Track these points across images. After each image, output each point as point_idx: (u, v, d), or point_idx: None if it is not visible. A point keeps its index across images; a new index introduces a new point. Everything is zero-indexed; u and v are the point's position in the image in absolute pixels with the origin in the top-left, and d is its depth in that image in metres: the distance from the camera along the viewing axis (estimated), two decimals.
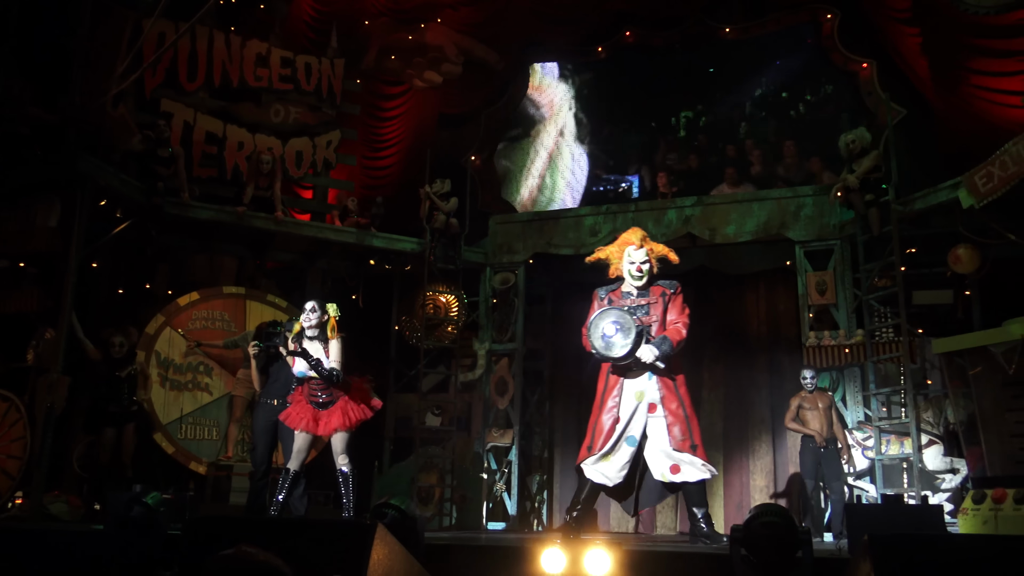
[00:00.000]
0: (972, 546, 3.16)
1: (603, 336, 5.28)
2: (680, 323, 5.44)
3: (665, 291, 5.59)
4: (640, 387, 5.38)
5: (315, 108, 9.75)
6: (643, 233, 5.79)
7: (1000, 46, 7.54)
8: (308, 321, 5.56)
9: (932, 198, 7.80)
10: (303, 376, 5.61)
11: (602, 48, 10.42)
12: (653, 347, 5.25)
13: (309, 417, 5.58)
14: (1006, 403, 7.19)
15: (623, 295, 5.59)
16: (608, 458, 5.35)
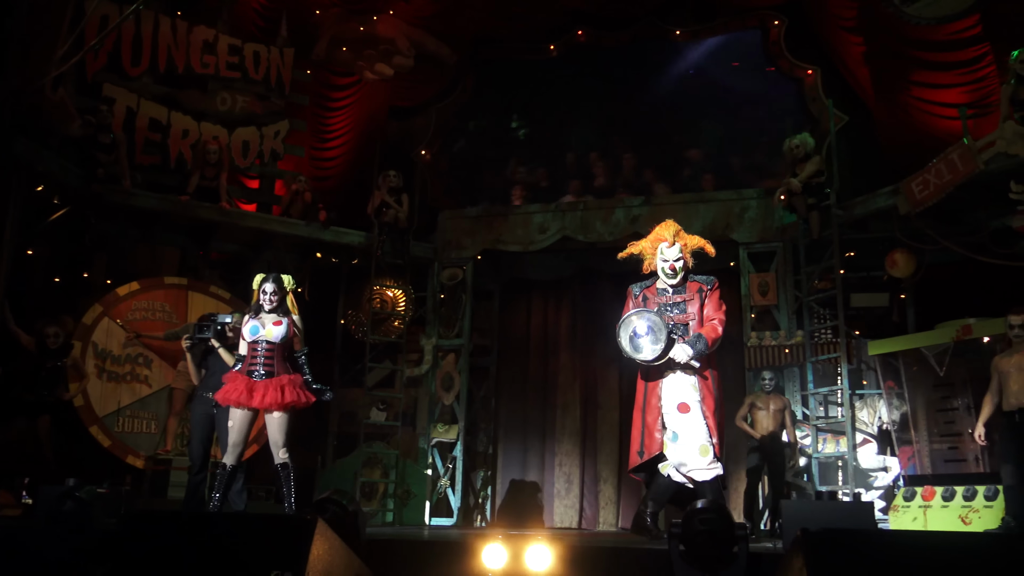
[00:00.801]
0: (900, 541, 3.27)
1: (631, 338, 5.09)
2: (716, 320, 5.21)
3: (702, 287, 5.35)
4: (679, 386, 5.18)
5: (263, 97, 9.61)
6: (677, 227, 5.49)
7: (938, 59, 7.79)
8: (267, 295, 5.41)
9: (871, 203, 8.02)
10: (253, 336, 5.38)
11: (554, 46, 10.45)
12: (688, 346, 5.05)
13: (243, 389, 5.30)
14: (936, 404, 7.44)
15: (658, 292, 5.38)
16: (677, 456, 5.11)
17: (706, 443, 5.02)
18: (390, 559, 4.01)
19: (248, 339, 5.42)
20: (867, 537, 3.03)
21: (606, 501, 9.44)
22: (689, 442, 5.07)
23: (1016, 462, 5.81)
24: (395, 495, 8.98)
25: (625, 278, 9.73)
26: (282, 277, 5.59)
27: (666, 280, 5.35)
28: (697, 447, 5.03)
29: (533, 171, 10.27)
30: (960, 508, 6.67)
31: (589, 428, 9.68)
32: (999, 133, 6.78)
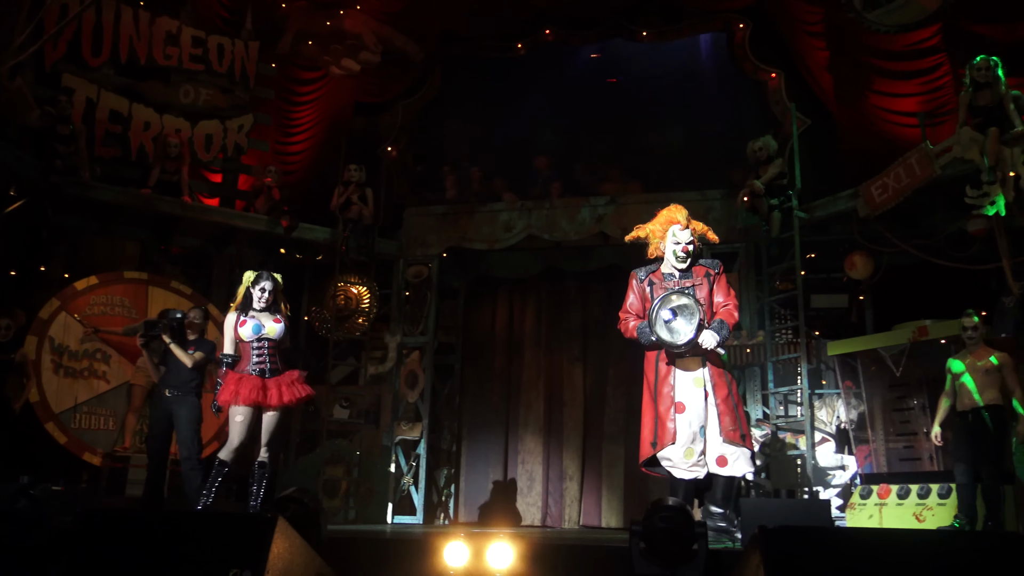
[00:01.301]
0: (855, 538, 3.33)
1: (667, 322, 4.86)
2: (731, 305, 5.06)
3: (709, 271, 5.17)
4: (696, 373, 4.99)
5: (227, 91, 9.48)
6: (687, 211, 5.38)
7: (897, 68, 7.97)
8: (262, 293, 5.38)
9: (832, 206, 8.15)
10: (256, 335, 5.36)
11: (522, 45, 10.46)
12: (714, 332, 4.88)
13: (259, 387, 5.28)
14: (892, 404, 7.59)
15: (665, 277, 5.18)
16: (692, 453, 4.89)
17: (735, 430, 4.87)
18: (351, 557, 4.00)
19: (248, 337, 5.37)
20: (823, 534, 3.09)
21: (571, 499, 9.49)
22: (712, 431, 4.91)
23: (968, 461, 5.95)
24: (358, 493, 8.93)
25: (591, 277, 9.91)
26: (275, 276, 5.54)
27: (675, 264, 5.17)
28: (724, 436, 4.88)
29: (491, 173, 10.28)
30: (914, 506, 6.81)
31: (554, 426, 9.72)
32: (955, 139, 6.94)
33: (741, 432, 4.85)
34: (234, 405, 5.27)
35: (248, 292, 5.46)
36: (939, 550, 3.00)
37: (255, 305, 5.42)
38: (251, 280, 5.49)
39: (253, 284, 5.46)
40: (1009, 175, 6.54)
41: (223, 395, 5.29)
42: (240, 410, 5.28)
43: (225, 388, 5.31)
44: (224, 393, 5.30)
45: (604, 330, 9.87)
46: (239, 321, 5.41)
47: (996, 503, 5.86)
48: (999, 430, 5.93)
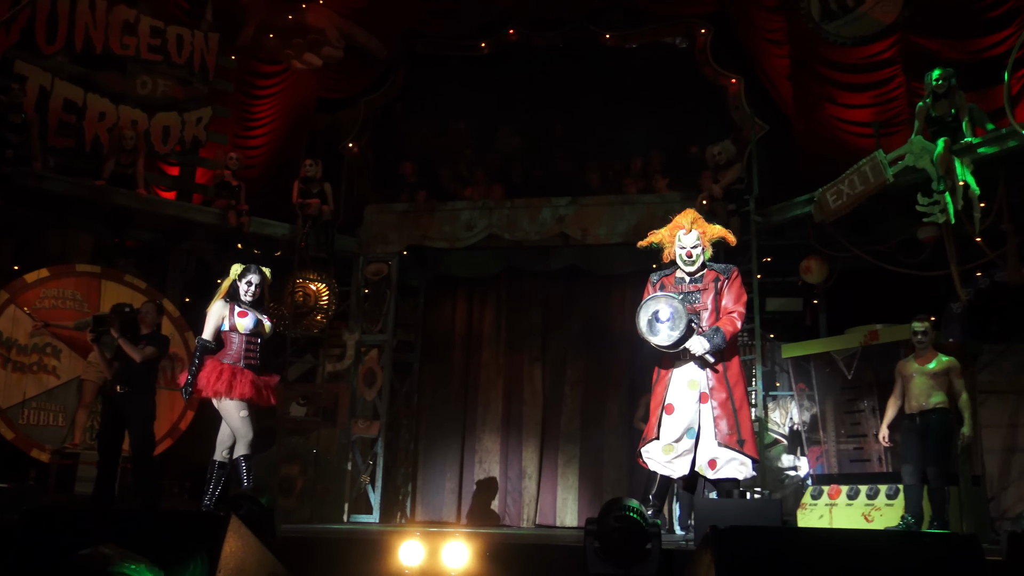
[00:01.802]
0: (803, 538, 3.40)
1: (650, 321, 4.89)
2: (735, 313, 5.00)
3: (719, 276, 5.11)
4: (691, 376, 5.01)
5: (185, 82, 9.34)
6: (695, 215, 5.31)
7: (854, 79, 8.17)
8: (248, 287, 5.34)
9: (788, 211, 8.29)
10: (254, 328, 5.33)
11: (486, 44, 10.47)
12: (704, 339, 4.86)
13: (256, 384, 5.25)
14: (844, 406, 7.74)
15: (676, 281, 5.20)
16: (672, 448, 4.96)
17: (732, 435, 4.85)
18: (306, 556, 3.97)
19: (245, 330, 5.30)
20: (772, 534, 3.15)
21: (529, 498, 9.52)
22: (707, 433, 4.94)
23: (915, 462, 6.09)
24: (314, 491, 8.86)
25: (551, 277, 9.95)
26: (263, 269, 5.47)
27: (684, 268, 5.17)
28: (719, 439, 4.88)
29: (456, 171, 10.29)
30: (863, 506, 6.96)
31: (512, 425, 9.74)
32: (908, 148, 7.09)
33: (739, 438, 4.85)
34: (227, 398, 5.19)
35: (234, 284, 5.40)
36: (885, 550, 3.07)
37: (242, 298, 5.36)
38: (238, 273, 5.44)
39: (240, 277, 5.41)
40: (958, 184, 6.71)
41: (213, 383, 5.18)
42: (240, 404, 5.22)
43: (214, 376, 5.19)
44: (215, 382, 5.19)
45: (563, 330, 9.94)
46: (238, 311, 5.34)
47: (941, 504, 6.01)
48: (945, 433, 6.07)
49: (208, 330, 5.36)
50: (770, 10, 8.97)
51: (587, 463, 9.46)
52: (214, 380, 5.21)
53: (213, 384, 5.20)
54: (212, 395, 5.22)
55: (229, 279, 5.45)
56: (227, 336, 5.36)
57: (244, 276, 5.41)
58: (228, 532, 3.07)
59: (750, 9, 9.21)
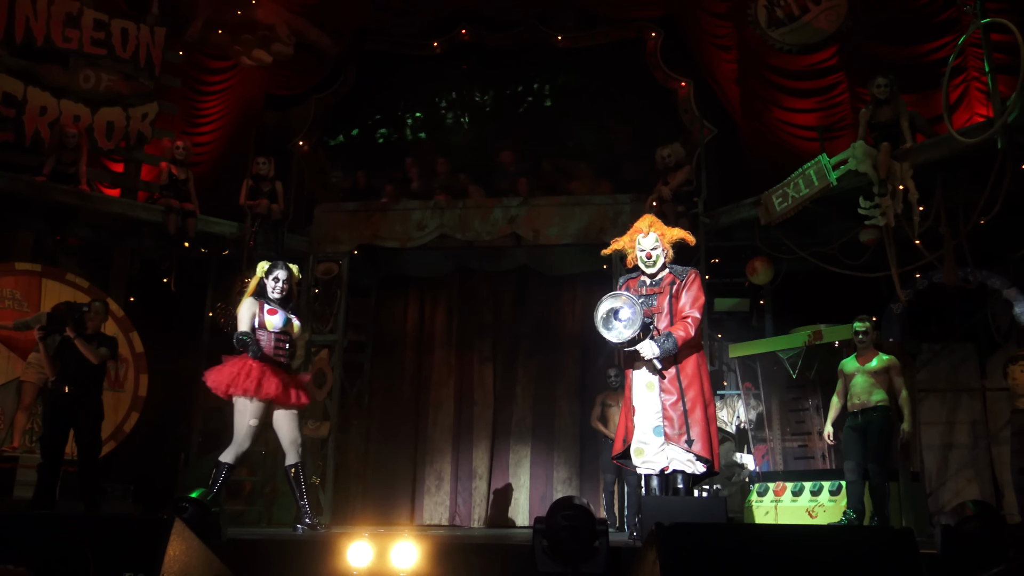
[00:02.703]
0: (746, 534, 3.46)
1: (606, 317, 4.88)
2: (690, 319, 4.95)
3: (675, 280, 5.09)
4: (648, 378, 5.02)
5: (130, 77, 9.13)
6: (652, 219, 5.30)
7: (799, 86, 8.35)
8: (276, 283, 5.25)
9: (735, 213, 8.43)
10: (283, 327, 5.25)
11: (438, 44, 10.45)
12: (656, 344, 4.84)
13: (283, 382, 5.13)
14: (789, 404, 7.90)
15: (639, 284, 5.20)
16: (641, 452, 4.94)
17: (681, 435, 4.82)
18: (253, 559, 3.92)
19: (275, 328, 5.22)
20: (716, 530, 3.20)
21: (479, 498, 9.52)
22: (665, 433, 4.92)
23: (857, 459, 6.23)
24: (263, 494, 8.75)
25: (503, 277, 9.97)
26: (290, 266, 5.39)
27: (645, 270, 5.18)
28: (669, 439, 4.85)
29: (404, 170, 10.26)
30: (808, 503, 7.11)
31: (463, 425, 9.74)
32: (851, 152, 7.26)
33: (688, 438, 4.84)
34: (256, 398, 5.08)
35: (262, 282, 5.33)
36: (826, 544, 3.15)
37: (270, 295, 5.28)
38: (265, 270, 5.37)
39: (267, 274, 5.33)
40: (899, 188, 6.89)
41: (242, 381, 5.07)
42: (255, 411, 5.11)
43: (243, 374, 5.08)
44: (244, 379, 5.08)
45: (515, 330, 9.97)
46: (267, 309, 5.26)
47: (882, 499, 6.16)
48: (886, 430, 6.23)
49: (244, 323, 5.26)
50: (718, 16, 9.11)
51: (538, 462, 9.51)
52: (243, 378, 5.09)
53: (242, 382, 5.09)
54: (240, 393, 5.10)
55: (256, 277, 5.38)
56: (256, 334, 5.26)
57: (271, 273, 5.33)
58: (171, 536, 3.03)
59: (699, 15, 9.35)
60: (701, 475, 4.86)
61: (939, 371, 8.29)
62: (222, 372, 5.21)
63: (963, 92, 7.31)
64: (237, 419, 5.20)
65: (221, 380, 5.17)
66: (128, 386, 8.43)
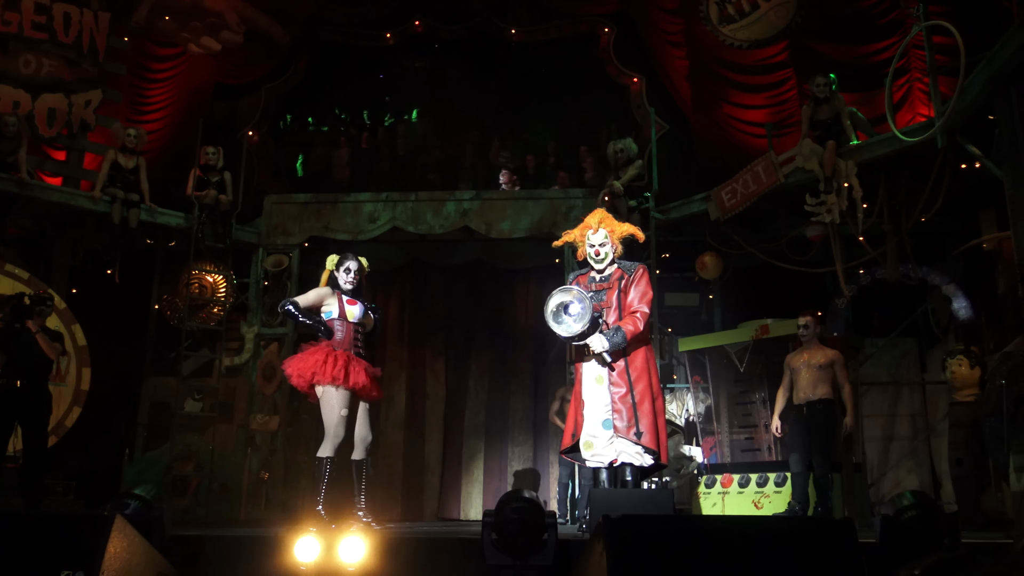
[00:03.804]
0: (693, 524, 3.51)
1: (556, 311, 4.90)
2: (639, 313, 4.97)
3: (624, 275, 5.12)
4: (597, 372, 5.04)
5: (73, 63, 8.88)
6: (603, 214, 5.31)
7: (748, 81, 8.46)
8: (347, 275, 5.21)
9: (685, 208, 8.52)
10: (361, 318, 5.17)
11: (391, 35, 10.37)
12: (605, 338, 4.87)
13: (365, 373, 5.02)
14: (736, 397, 8.02)
15: (589, 280, 5.22)
16: (591, 445, 4.94)
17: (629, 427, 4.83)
18: (197, 556, 3.86)
19: (353, 319, 5.15)
20: (662, 522, 3.24)
21: (431, 492, 9.50)
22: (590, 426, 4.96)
23: (801, 451, 6.36)
24: (210, 489, 8.62)
25: (456, 271, 9.94)
26: (360, 259, 5.36)
27: (594, 265, 5.21)
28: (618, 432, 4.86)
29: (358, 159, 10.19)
30: (754, 494, 7.23)
31: (415, 419, 9.70)
32: (798, 150, 7.40)
33: (636, 431, 4.86)
34: (342, 387, 4.95)
35: (332, 275, 5.27)
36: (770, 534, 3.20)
37: (343, 287, 5.22)
38: (335, 263, 5.31)
39: (338, 266, 5.28)
40: (843, 185, 7.04)
41: (330, 370, 4.93)
42: (344, 400, 4.98)
43: (330, 363, 4.94)
44: (332, 368, 4.93)
45: (468, 324, 9.95)
46: (346, 299, 5.19)
47: (826, 490, 6.29)
48: (829, 423, 6.36)
49: (302, 298, 5.15)
50: (670, 12, 9.20)
51: (492, 456, 9.51)
52: (330, 367, 4.93)
53: (329, 370, 4.92)
54: (328, 382, 4.94)
55: (327, 271, 5.32)
56: (334, 324, 5.16)
57: (342, 264, 5.27)
58: (112, 533, 2.96)
59: (651, 11, 9.42)
60: (650, 468, 4.92)
61: (881, 365, 8.51)
62: (305, 361, 5.02)
63: (906, 92, 7.49)
64: (325, 412, 5.03)
65: (305, 369, 4.98)
66: (70, 380, 8.22)
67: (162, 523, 3.62)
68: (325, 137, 10.58)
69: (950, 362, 7.02)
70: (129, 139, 8.69)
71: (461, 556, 3.78)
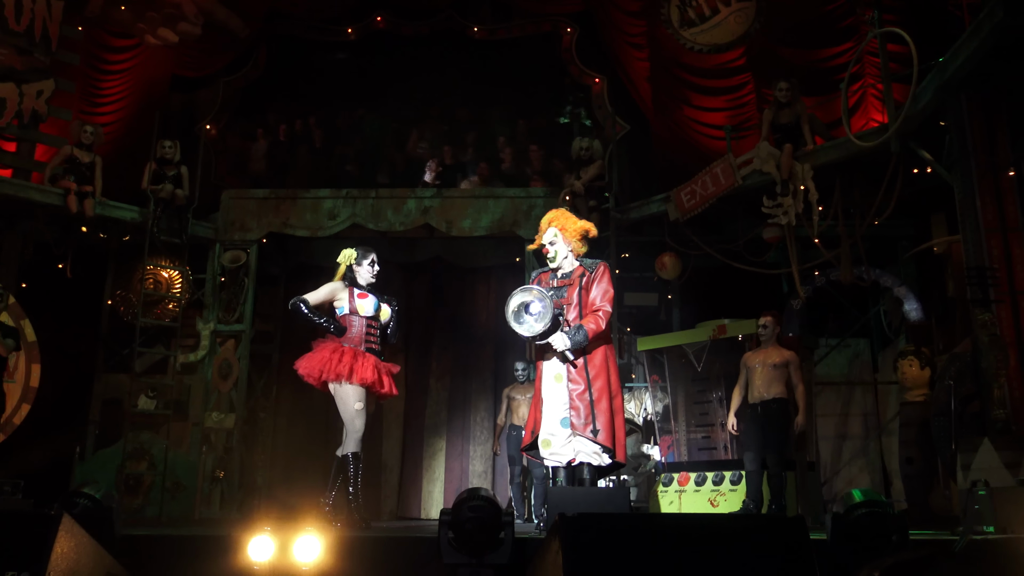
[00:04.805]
0: (649, 522, 3.54)
1: (517, 311, 4.91)
2: (600, 312, 4.99)
3: (585, 272, 5.11)
4: (556, 370, 5.04)
5: (24, 52, 8.63)
6: (555, 213, 5.28)
7: (707, 84, 8.56)
8: (372, 267, 5.19)
9: (645, 209, 8.59)
10: (374, 312, 5.09)
11: (352, 30, 10.29)
12: (567, 337, 4.88)
13: (375, 368, 4.96)
14: (694, 396, 8.11)
15: (551, 277, 5.21)
16: (548, 444, 4.93)
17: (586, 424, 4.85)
18: (149, 556, 3.79)
19: (365, 313, 5.05)
20: (618, 520, 3.26)
21: (390, 490, 9.45)
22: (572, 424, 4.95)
23: (756, 450, 6.45)
24: (164, 488, 8.47)
25: (418, 268, 9.90)
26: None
27: (550, 264, 5.21)
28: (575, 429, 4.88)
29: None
30: (710, 492, 7.31)
31: (373, 417, 9.61)
32: (755, 152, 7.50)
33: (593, 428, 4.87)
34: (355, 384, 4.92)
35: (350, 269, 5.17)
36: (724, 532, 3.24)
37: (361, 282, 5.14)
38: (353, 257, 5.21)
39: (359, 260, 5.18)
40: (800, 188, 7.15)
41: (334, 366, 4.90)
42: (359, 395, 4.97)
43: (335, 358, 4.91)
44: (336, 364, 4.90)
45: (428, 322, 9.92)
46: (358, 293, 5.08)
47: (780, 488, 6.39)
48: (783, 421, 6.45)
49: (312, 295, 5.09)
50: (631, 15, 9.25)
51: (453, 455, 9.50)
52: (335, 363, 4.92)
53: (335, 367, 4.91)
54: (333, 379, 4.92)
55: (341, 267, 5.21)
56: (347, 319, 5.09)
57: (365, 257, 5.20)
58: (59, 532, 2.90)
59: (612, 12, 9.48)
60: (607, 466, 4.95)
61: (835, 365, 8.65)
62: (313, 359, 5.03)
63: (860, 98, 7.63)
64: (341, 409, 5.04)
65: (313, 367, 5.00)
66: (19, 376, 8.04)
67: (112, 522, 3.55)
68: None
69: (901, 363, 7.16)
70: (86, 135, 8.52)
71: (418, 555, 3.77)
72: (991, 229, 5.69)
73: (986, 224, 5.71)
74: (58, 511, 3.04)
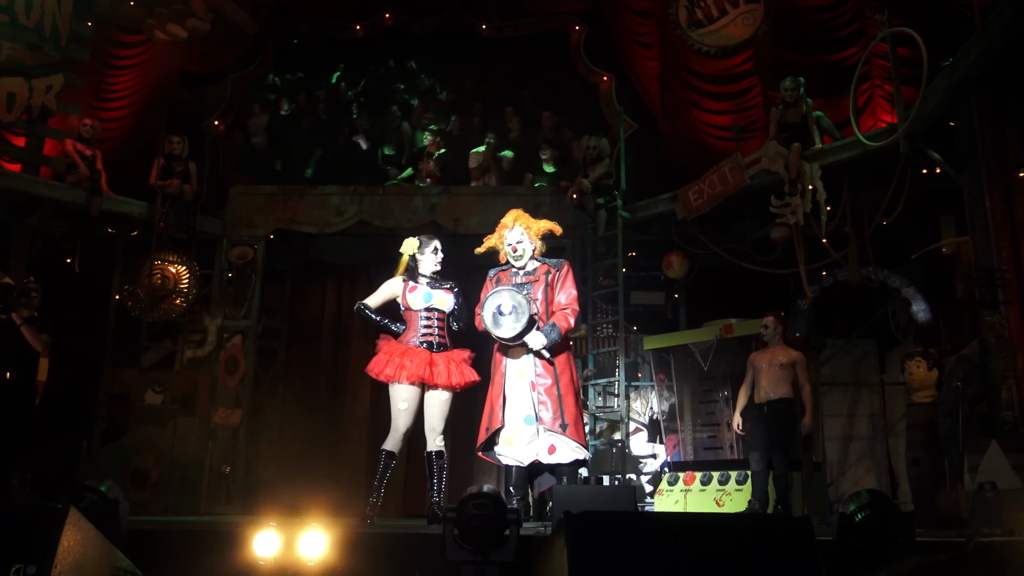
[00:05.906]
0: (654, 521, 3.54)
1: (494, 314, 4.97)
2: (569, 310, 5.09)
3: (550, 270, 5.22)
4: (521, 366, 5.14)
5: (35, 47, 8.65)
6: (517, 213, 5.45)
7: (715, 89, 8.58)
8: (436, 255, 5.17)
9: (652, 208, 8.58)
10: (427, 304, 5.03)
11: (361, 27, 10.30)
12: (542, 334, 4.96)
13: (426, 361, 4.89)
14: (700, 396, 8.10)
15: (511, 275, 5.31)
16: (512, 442, 5.07)
17: (555, 419, 4.97)
18: (155, 550, 3.81)
19: (417, 306, 5.02)
20: (623, 518, 3.26)
21: (395, 486, 9.46)
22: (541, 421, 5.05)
23: (762, 450, 6.44)
24: (170, 483, 8.50)
25: None
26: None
27: (514, 263, 5.32)
28: (546, 425, 5.00)
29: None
30: (715, 491, 7.30)
31: (380, 414, 9.62)
32: (764, 151, 7.48)
33: (562, 422, 4.99)
34: (397, 383, 4.90)
35: (413, 259, 5.15)
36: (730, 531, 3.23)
37: (424, 271, 5.13)
38: (416, 246, 5.18)
39: (420, 250, 5.16)
40: (808, 188, 7.13)
41: (383, 367, 4.90)
42: (404, 394, 4.93)
43: (384, 360, 4.91)
44: (385, 365, 4.89)
45: None
46: (408, 287, 5.06)
47: (785, 488, 6.38)
48: (789, 422, 6.45)
49: (372, 298, 5.13)
50: (640, 14, 9.24)
51: (457, 452, 9.48)
52: (383, 364, 4.94)
53: (383, 368, 4.94)
54: (384, 379, 4.96)
55: (404, 258, 5.19)
56: (406, 316, 5.10)
57: (427, 245, 5.17)
58: (66, 526, 2.90)
59: (621, 11, 9.46)
60: (573, 462, 5.03)
61: (842, 365, 8.63)
62: (372, 360, 5.06)
63: (868, 98, 7.60)
64: (391, 403, 5.09)
65: (371, 368, 5.04)
66: None
67: (118, 516, 3.56)
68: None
69: (908, 364, 7.14)
70: (85, 128, 8.56)
71: (423, 551, 3.78)
72: (1000, 230, 5.67)
73: (995, 225, 5.68)
74: (65, 505, 3.05)
